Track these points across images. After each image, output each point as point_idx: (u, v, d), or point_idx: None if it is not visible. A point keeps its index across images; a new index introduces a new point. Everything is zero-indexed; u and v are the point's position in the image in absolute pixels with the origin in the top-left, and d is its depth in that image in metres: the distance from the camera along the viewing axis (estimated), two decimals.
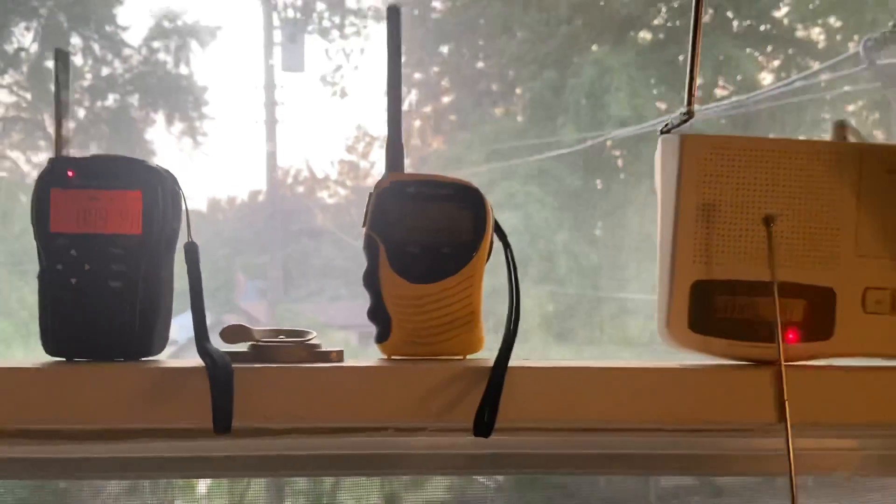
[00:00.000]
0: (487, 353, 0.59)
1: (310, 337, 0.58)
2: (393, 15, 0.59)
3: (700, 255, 0.56)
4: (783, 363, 0.53)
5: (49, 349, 0.55)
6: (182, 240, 0.57)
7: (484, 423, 0.51)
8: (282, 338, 0.58)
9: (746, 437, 0.57)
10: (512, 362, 0.54)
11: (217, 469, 0.64)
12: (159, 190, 0.55)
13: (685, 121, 0.57)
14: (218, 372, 0.51)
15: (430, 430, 0.55)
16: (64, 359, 0.55)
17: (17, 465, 0.63)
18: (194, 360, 0.54)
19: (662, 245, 0.57)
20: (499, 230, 0.59)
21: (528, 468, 0.61)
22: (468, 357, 0.58)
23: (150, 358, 0.56)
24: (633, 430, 0.55)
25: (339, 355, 0.57)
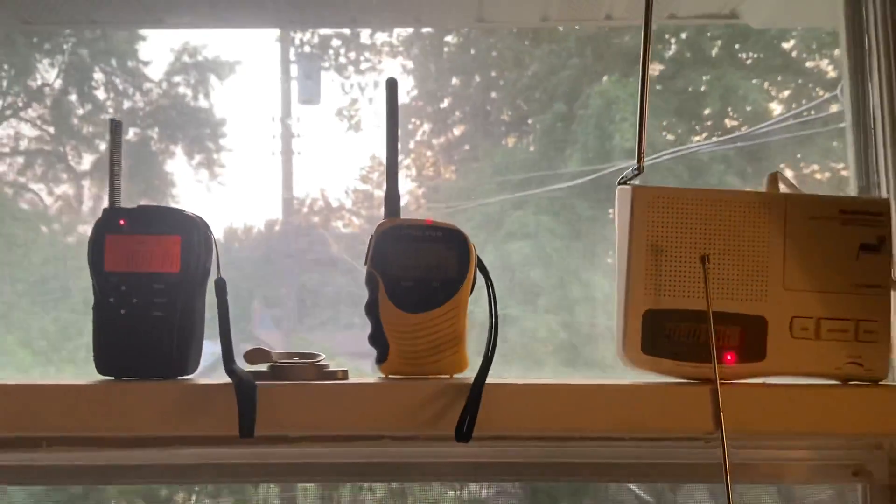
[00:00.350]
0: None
1: (319, 359, 0.68)
2: (391, 87, 0.70)
3: (650, 288, 0.65)
4: (718, 381, 0.62)
5: (101, 369, 0.66)
6: (213, 276, 0.68)
7: (463, 432, 0.61)
8: (296, 359, 0.68)
9: (695, 448, 0.66)
10: (490, 380, 0.63)
11: (240, 476, 0.74)
12: (195, 235, 0.66)
13: (636, 175, 0.67)
14: (243, 386, 0.61)
15: (422, 438, 0.65)
16: (113, 377, 0.66)
17: (67, 472, 0.73)
18: (222, 378, 0.64)
19: (619, 279, 0.67)
20: (481, 267, 0.69)
21: (508, 476, 0.70)
22: (454, 376, 0.68)
23: (186, 377, 0.67)
24: (594, 438, 0.64)
25: (345, 374, 0.67)
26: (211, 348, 0.70)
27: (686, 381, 0.66)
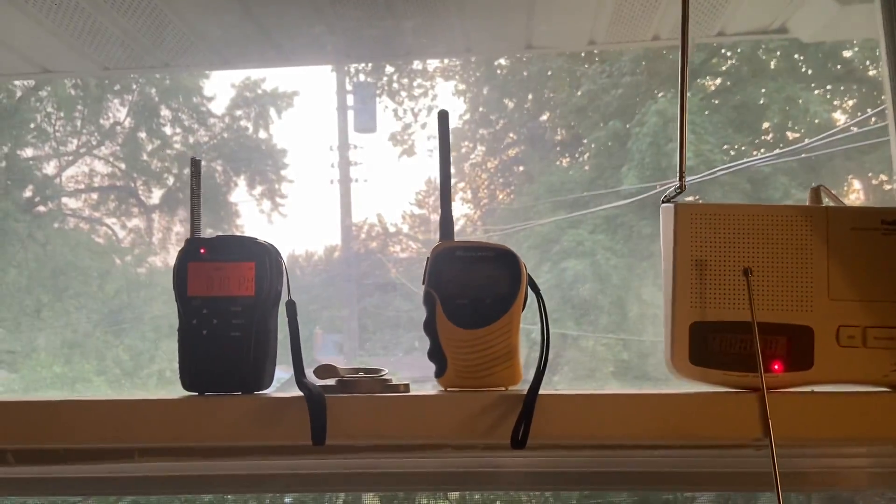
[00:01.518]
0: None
1: (383, 373, 0.73)
2: (443, 119, 0.75)
3: (695, 301, 0.68)
4: (765, 388, 0.64)
5: (186, 385, 0.72)
6: (284, 298, 0.74)
7: (518, 439, 0.64)
8: (361, 374, 0.73)
9: (747, 457, 0.68)
10: (543, 390, 0.67)
11: (312, 485, 0.79)
12: (267, 261, 0.72)
13: (678, 193, 0.70)
14: (314, 398, 0.66)
15: (480, 446, 0.68)
16: (197, 393, 0.72)
17: (156, 482, 0.80)
18: (295, 392, 0.70)
19: (665, 293, 0.70)
20: (532, 284, 0.73)
21: (563, 485, 0.73)
22: (509, 388, 0.71)
23: (262, 392, 0.72)
24: (644, 446, 0.67)
25: (406, 387, 0.72)
26: (278, 374, 0.75)
27: (732, 390, 0.68)
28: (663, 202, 0.71)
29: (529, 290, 0.73)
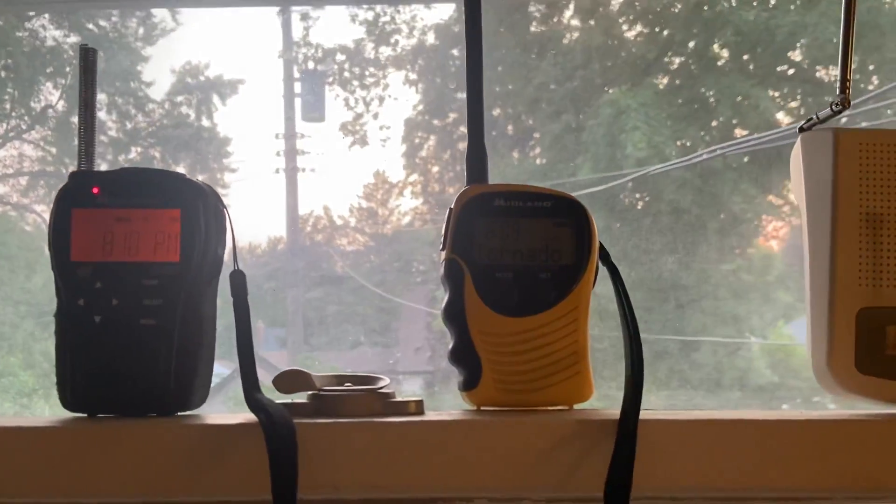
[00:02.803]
0: (596, 403, 0.49)
1: (382, 384, 0.47)
2: (473, 6, 0.50)
3: (866, 276, 0.45)
4: None
5: (68, 403, 0.45)
6: (227, 269, 0.48)
7: (619, 493, 0.40)
8: (348, 385, 0.47)
9: None
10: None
11: None
12: (201, 208, 0.46)
13: (838, 112, 0.47)
14: (276, 429, 0.40)
15: (535, 500, 0.44)
16: (86, 415, 0.46)
17: None
18: (244, 414, 0.44)
19: (815, 265, 0.46)
20: (603, 253, 0.49)
21: None
22: (575, 407, 0.47)
23: (190, 412, 0.46)
24: (804, 499, 0.43)
25: (419, 406, 0.46)
26: (216, 369, 0.50)
27: None
28: (803, 129, 0.48)
29: (599, 262, 0.49)
